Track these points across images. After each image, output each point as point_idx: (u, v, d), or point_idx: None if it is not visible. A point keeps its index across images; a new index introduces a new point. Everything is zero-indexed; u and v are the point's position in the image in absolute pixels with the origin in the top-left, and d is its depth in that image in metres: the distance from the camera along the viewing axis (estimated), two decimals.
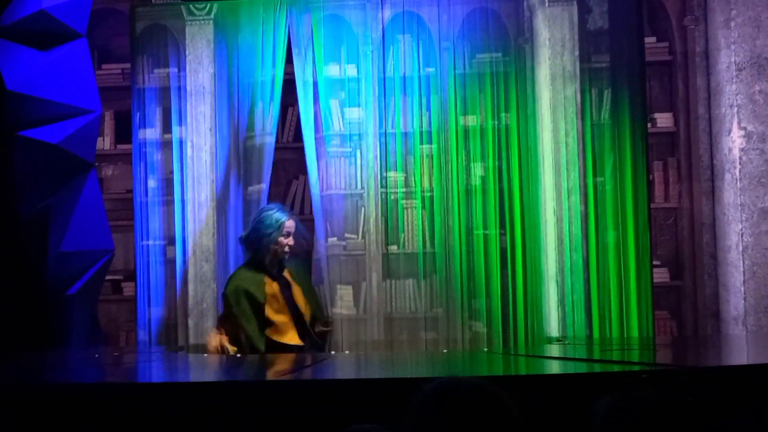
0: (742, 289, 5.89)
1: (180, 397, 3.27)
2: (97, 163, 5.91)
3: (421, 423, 1.90)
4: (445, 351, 4.82)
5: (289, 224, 5.39)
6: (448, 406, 1.90)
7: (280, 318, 5.30)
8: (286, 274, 5.47)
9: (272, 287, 5.38)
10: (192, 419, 3.19)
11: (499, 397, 1.91)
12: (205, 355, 5.20)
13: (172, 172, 6.30)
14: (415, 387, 2.01)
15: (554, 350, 4.84)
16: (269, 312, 5.30)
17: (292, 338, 5.29)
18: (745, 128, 5.91)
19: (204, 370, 4.24)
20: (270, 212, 5.40)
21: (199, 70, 6.31)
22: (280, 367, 4.20)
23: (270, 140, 6.28)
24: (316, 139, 6.26)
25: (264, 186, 6.24)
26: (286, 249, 5.38)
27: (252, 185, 6.25)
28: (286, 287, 5.43)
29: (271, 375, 3.98)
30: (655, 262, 6.20)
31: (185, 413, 3.20)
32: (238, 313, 5.29)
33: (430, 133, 6.18)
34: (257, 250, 5.40)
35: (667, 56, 6.49)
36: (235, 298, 5.32)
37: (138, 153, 6.37)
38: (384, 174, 6.17)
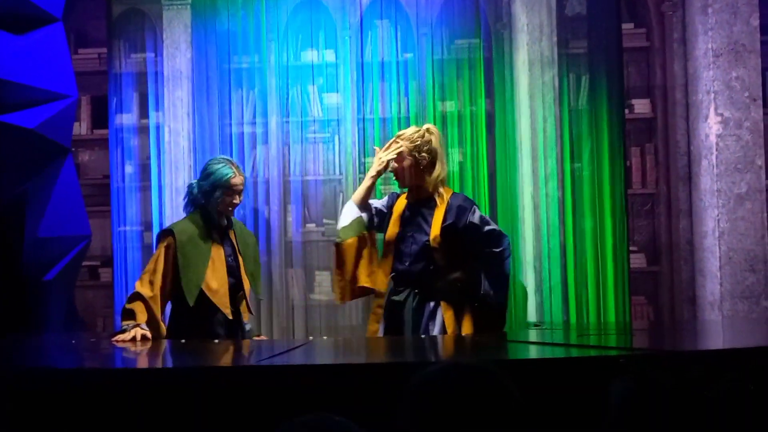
0: (719, 274, 5.92)
1: (157, 383, 3.27)
2: (73, 149, 5.87)
3: (425, 406, 1.90)
4: (423, 336, 4.83)
5: (236, 181, 4.84)
6: (453, 389, 1.90)
7: (215, 284, 4.82)
8: (232, 236, 4.96)
9: (218, 248, 4.87)
10: (169, 405, 3.19)
11: (503, 380, 1.92)
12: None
13: (149, 158, 6.28)
14: (394, 372, 2.01)
15: (531, 335, 4.86)
16: (208, 272, 4.81)
17: (223, 306, 4.82)
18: (722, 114, 5.93)
19: (181, 355, 4.23)
20: (217, 167, 4.85)
21: (177, 55, 6.28)
22: (258, 352, 4.20)
23: (248, 127, 6.28)
24: (294, 124, 6.25)
25: (244, 177, 6.23)
26: (230, 208, 4.88)
27: None
28: (231, 253, 4.92)
29: (248, 360, 3.98)
30: (632, 248, 6.23)
31: (162, 399, 3.20)
32: (179, 254, 4.75)
33: (408, 118, 6.18)
34: (204, 206, 4.88)
35: (645, 42, 6.52)
36: (180, 239, 4.78)
37: (115, 138, 6.34)
38: (362, 159, 6.17)
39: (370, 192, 4.80)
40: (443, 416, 1.87)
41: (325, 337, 5.23)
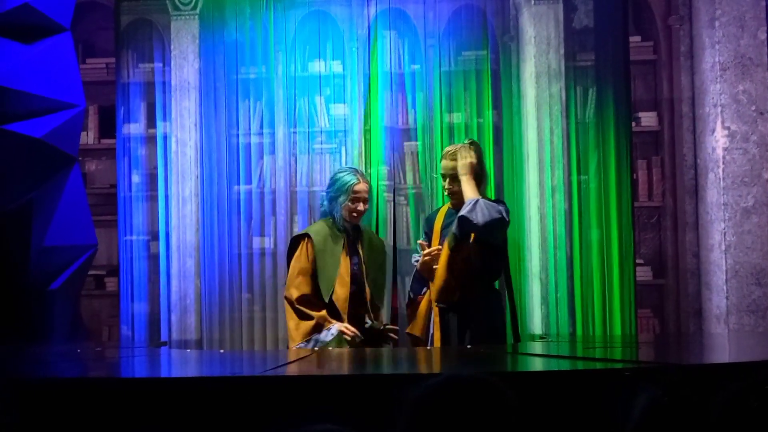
0: (725, 287, 5.91)
1: (162, 393, 3.27)
2: (80, 158, 5.89)
3: (425, 418, 1.89)
4: (428, 348, 4.82)
5: (359, 188, 5.10)
6: (453, 401, 1.89)
7: (340, 290, 5.04)
8: (359, 245, 5.19)
9: (345, 257, 5.10)
10: (175, 414, 3.19)
11: (503, 393, 1.91)
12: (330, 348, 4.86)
13: (156, 168, 6.29)
14: (400, 383, 2.00)
15: (537, 348, 4.85)
16: (337, 278, 5.06)
17: (343, 311, 5.03)
18: (728, 128, 5.93)
19: (186, 365, 4.23)
20: (341, 174, 5.14)
21: (184, 66, 6.30)
22: (261, 362, 4.20)
23: (256, 138, 6.29)
24: (301, 135, 6.26)
25: (251, 186, 6.25)
26: (355, 215, 5.10)
27: (238, 184, 6.26)
28: (357, 262, 5.14)
29: (252, 371, 3.97)
30: (638, 261, 6.22)
31: (168, 408, 3.19)
32: (316, 254, 5.03)
33: (415, 130, 6.19)
34: (332, 215, 5.13)
35: (652, 55, 6.52)
36: (318, 239, 5.05)
37: (122, 148, 6.36)
38: (368, 171, 6.16)
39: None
40: (443, 428, 1.86)
41: (330, 348, 5.22)
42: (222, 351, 4.87)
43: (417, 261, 5.13)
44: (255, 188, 6.28)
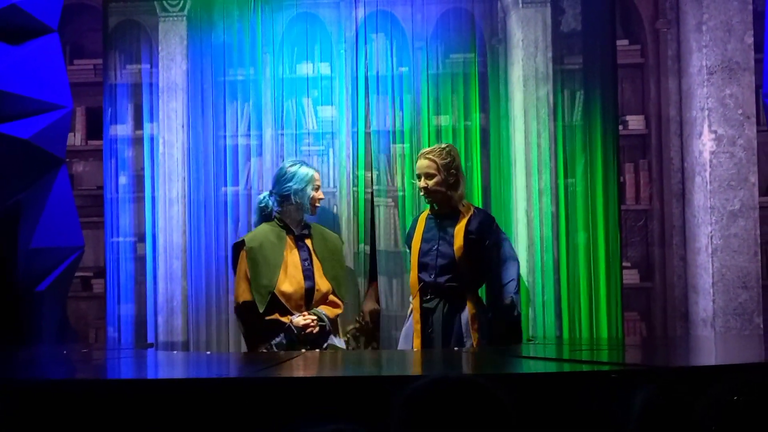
0: (711, 291, 5.93)
1: (149, 394, 3.26)
2: (67, 159, 5.87)
3: (414, 420, 1.90)
4: (415, 350, 4.82)
5: (318, 176, 5.41)
6: (443, 402, 1.90)
7: (289, 288, 5.18)
8: (308, 242, 5.35)
9: (293, 253, 5.27)
10: (161, 416, 3.18)
11: (492, 394, 1.91)
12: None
13: (143, 169, 6.27)
14: (388, 385, 2.00)
15: (524, 350, 4.86)
16: (281, 277, 5.18)
17: (297, 309, 5.15)
18: (715, 131, 5.95)
19: (173, 367, 4.23)
20: (295, 168, 5.34)
21: (172, 67, 6.28)
22: (248, 364, 4.20)
23: (243, 139, 6.27)
24: (288, 137, 6.24)
25: (238, 188, 6.23)
26: (317, 204, 5.38)
27: (225, 186, 6.24)
28: (307, 257, 5.30)
29: (241, 372, 3.97)
30: (625, 264, 6.23)
31: (154, 410, 3.19)
32: (249, 263, 5.17)
33: (402, 132, 6.18)
34: (282, 210, 5.34)
35: (639, 59, 6.53)
36: (251, 246, 5.22)
37: (109, 149, 6.33)
38: (356, 173, 6.16)
39: None
40: (430, 430, 1.87)
41: (318, 350, 5.22)
42: (209, 353, 4.86)
43: None
44: (242, 190, 6.27)
